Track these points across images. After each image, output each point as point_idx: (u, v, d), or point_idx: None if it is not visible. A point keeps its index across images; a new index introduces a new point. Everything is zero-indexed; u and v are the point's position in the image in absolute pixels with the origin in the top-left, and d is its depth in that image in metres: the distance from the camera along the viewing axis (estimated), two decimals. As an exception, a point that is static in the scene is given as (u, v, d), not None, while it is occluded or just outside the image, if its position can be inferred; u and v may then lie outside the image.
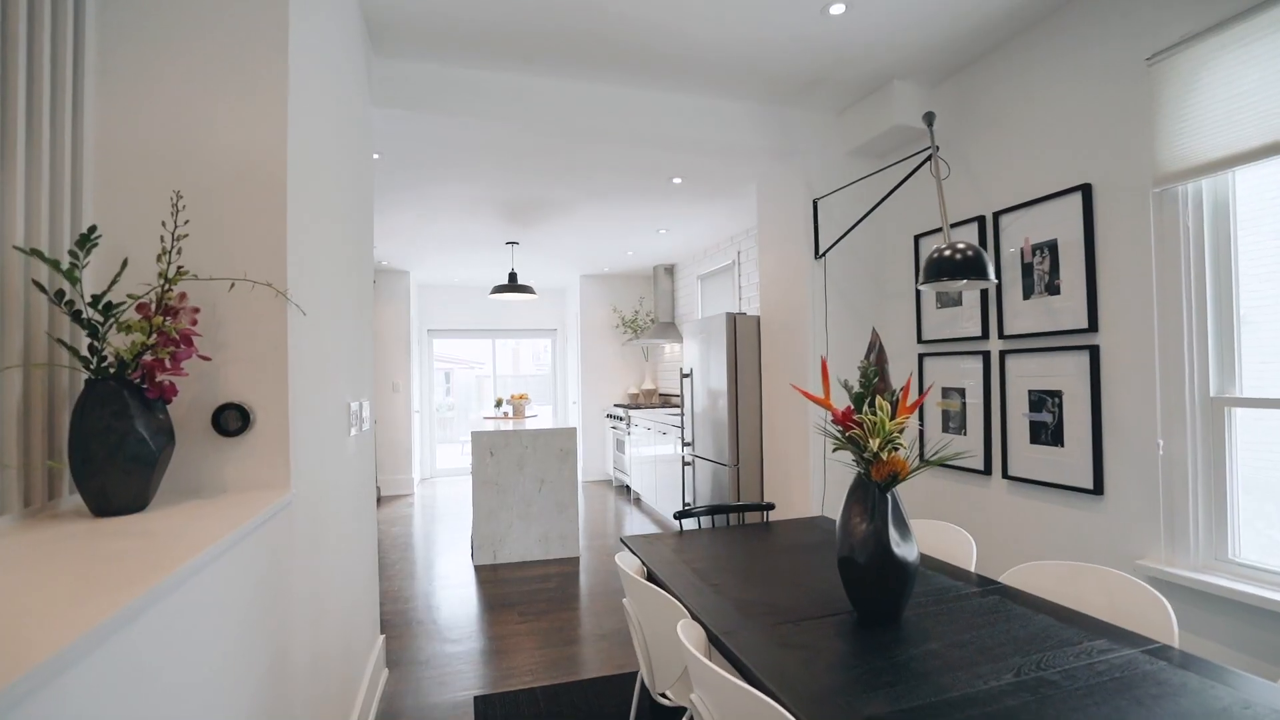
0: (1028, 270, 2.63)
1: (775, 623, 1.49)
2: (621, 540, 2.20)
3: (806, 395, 1.59)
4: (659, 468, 5.61)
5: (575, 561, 4.39)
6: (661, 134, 3.11)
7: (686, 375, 4.47)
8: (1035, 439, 2.61)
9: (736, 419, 3.83)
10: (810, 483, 3.33)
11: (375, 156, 3.33)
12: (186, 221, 1.26)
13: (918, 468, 1.44)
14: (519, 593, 3.78)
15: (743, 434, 3.84)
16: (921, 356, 3.22)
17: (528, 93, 2.90)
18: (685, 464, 4.49)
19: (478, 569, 4.26)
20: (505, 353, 12.45)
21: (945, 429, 3.08)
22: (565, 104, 2.96)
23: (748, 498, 3.85)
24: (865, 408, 1.51)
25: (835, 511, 3.35)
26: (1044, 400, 2.57)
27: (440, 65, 2.77)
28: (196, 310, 1.27)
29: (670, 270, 7.00)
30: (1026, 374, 2.65)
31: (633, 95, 3.06)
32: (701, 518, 2.26)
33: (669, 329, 6.83)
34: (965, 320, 2.95)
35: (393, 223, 4.90)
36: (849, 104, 3.31)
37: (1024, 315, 2.65)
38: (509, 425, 4.93)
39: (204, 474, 1.34)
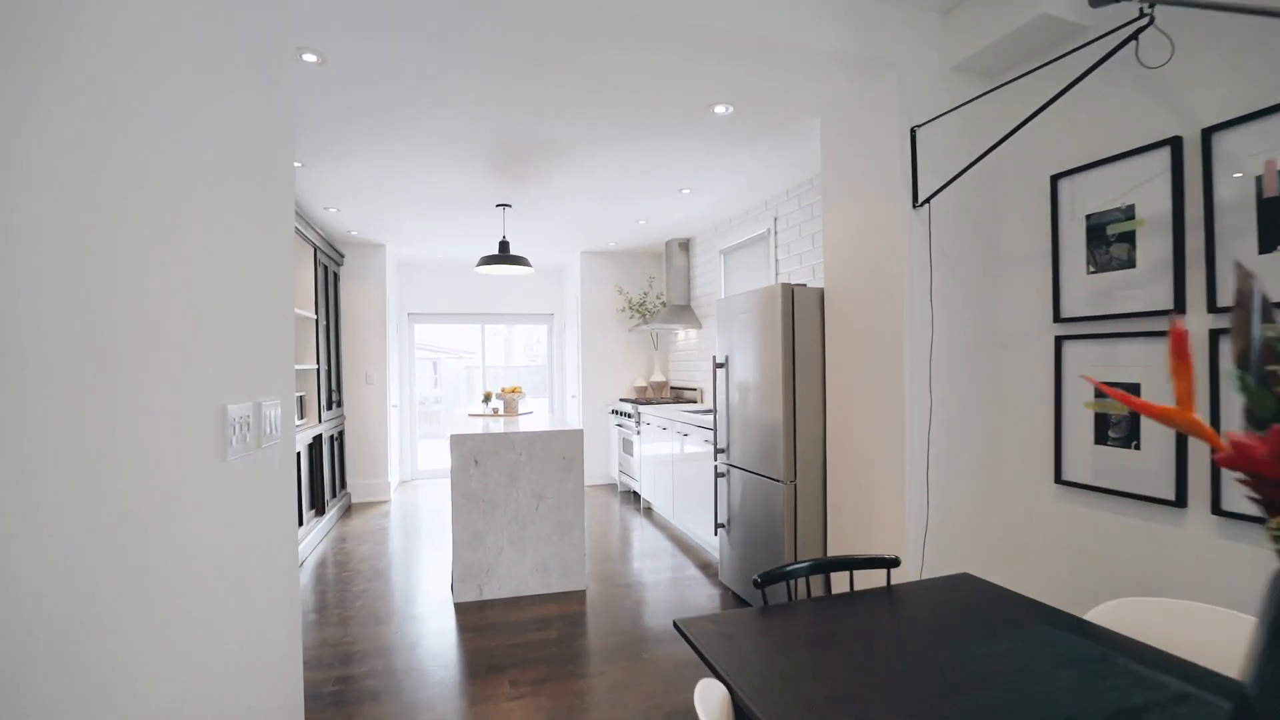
0: (1271, 209, 1.77)
1: None
2: (689, 640, 1.33)
3: (1132, 403, 0.73)
4: (679, 476, 4.75)
5: (581, 596, 3.53)
6: (706, 24, 2.23)
7: (720, 365, 3.60)
8: (1279, 460, 1.75)
9: (794, 422, 2.97)
10: (907, 510, 2.47)
11: (310, 59, 2.41)
12: None
13: None
14: (511, 647, 2.91)
15: (802, 441, 2.98)
16: (1060, 340, 2.36)
17: (525, -46, 2.00)
18: (719, 475, 3.63)
19: (459, 608, 3.39)
20: (496, 341, 11.57)
21: (1100, 440, 2.23)
22: (579, -25, 2.06)
23: (810, 527, 3.00)
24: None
25: (945, 559, 2.50)
26: (1299, 403, 1.71)
27: (396, -97, 1.87)
28: None
29: (686, 245, 6.11)
30: (1265, 364, 1.79)
31: (673, -31, 2.17)
32: (778, 583, 1.45)
33: (683, 312, 5.96)
34: (1142, 287, 2.10)
35: (358, 177, 3.99)
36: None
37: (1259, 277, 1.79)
38: (499, 425, 4.05)
39: None
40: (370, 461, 6.14)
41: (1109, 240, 2.20)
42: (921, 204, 2.48)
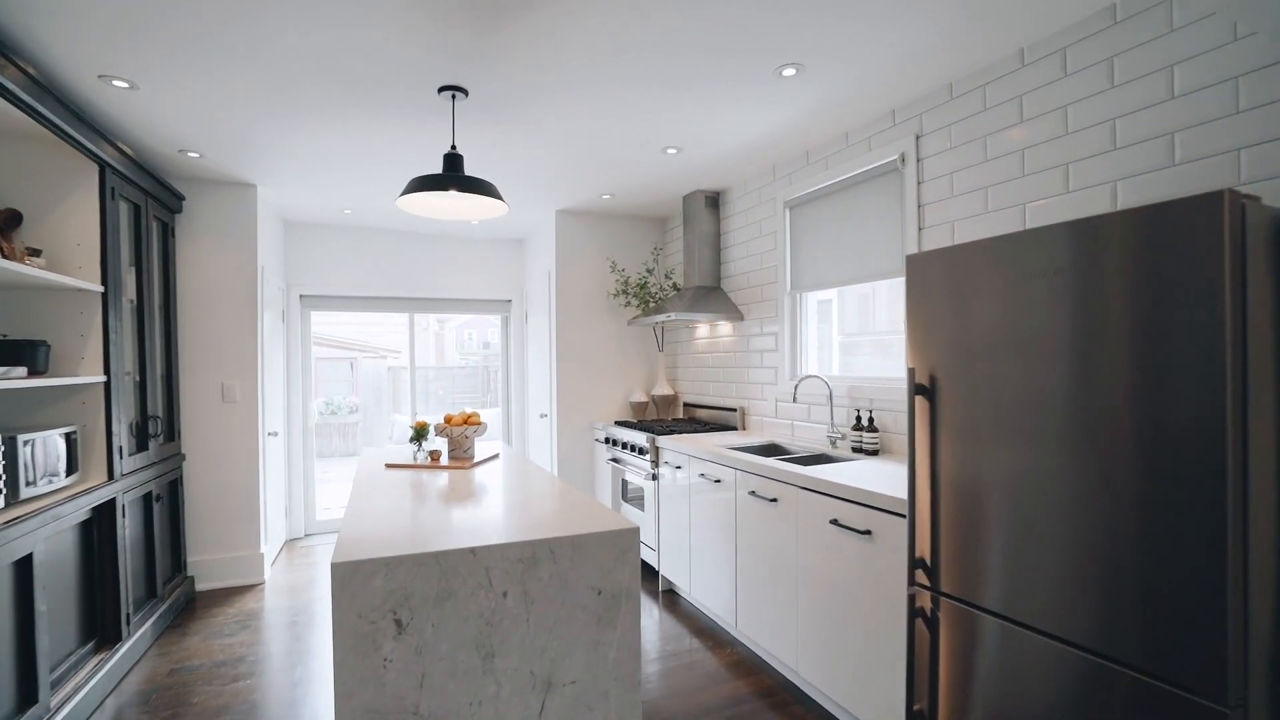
0: None
1: None
2: None
3: None
4: (756, 563, 2.88)
5: None
6: None
7: (922, 390, 1.76)
8: None
9: (1245, 549, 1.15)
10: None
11: None
12: None
13: None
14: None
15: (1258, 579, 1.17)
16: None
17: None
18: (918, 614, 1.79)
19: None
20: (423, 335, 9.37)
21: None
22: None
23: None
24: None
25: None
26: None
27: None
28: None
29: (715, 200, 4.24)
30: None
31: None
32: None
33: (710, 297, 4.10)
34: None
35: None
36: None
37: None
38: (440, 484, 2.07)
39: None
40: (231, 523, 3.94)
41: None
42: None
